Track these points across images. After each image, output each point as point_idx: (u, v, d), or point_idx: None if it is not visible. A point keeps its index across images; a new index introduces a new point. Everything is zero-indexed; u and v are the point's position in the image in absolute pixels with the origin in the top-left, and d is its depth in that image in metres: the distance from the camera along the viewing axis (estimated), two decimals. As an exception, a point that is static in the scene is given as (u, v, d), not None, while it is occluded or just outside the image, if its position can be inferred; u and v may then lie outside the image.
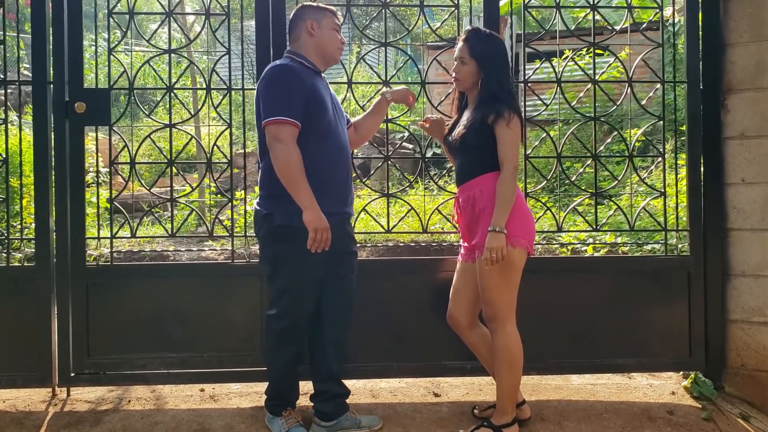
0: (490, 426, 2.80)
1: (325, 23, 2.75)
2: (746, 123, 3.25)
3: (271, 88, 2.59)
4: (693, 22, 3.36)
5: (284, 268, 2.69)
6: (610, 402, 3.23)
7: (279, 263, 2.69)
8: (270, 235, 2.67)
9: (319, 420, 2.84)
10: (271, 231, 2.66)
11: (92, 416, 3.03)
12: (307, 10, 2.76)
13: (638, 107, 3.75)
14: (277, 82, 2.59)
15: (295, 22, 2.77)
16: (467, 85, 2.84)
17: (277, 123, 2.53)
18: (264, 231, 2.70)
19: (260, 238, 2.75)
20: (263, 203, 2.70)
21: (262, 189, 2.72)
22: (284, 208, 2.60)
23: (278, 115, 2.53)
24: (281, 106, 2.54)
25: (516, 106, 2.75)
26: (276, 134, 2.53)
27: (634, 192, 4.34)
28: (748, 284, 3.25)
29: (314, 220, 2.53)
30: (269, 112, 2.55)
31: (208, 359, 3.22)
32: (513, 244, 2.67)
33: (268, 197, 2.68)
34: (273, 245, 2.68)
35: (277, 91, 2.57)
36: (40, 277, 3.15)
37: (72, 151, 3.17)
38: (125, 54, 5.15)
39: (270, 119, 2.54)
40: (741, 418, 3.05)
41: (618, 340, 3.33)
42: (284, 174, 2.53)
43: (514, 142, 2.71)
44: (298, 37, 2.76)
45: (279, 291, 2.72)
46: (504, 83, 2.76)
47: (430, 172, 3.81)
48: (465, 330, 2.93)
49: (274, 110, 2.54)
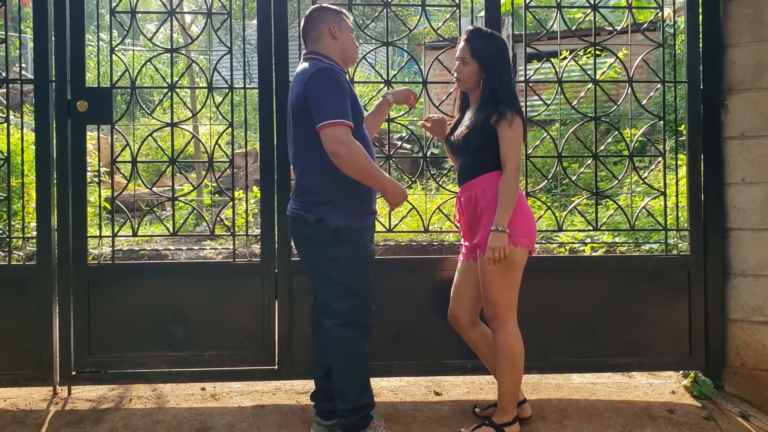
0: (491, 424, 2.80)
1: (344, 27, 2.73)
2: (746, 123, 3.26)
3: (324, 90, 2.52)
4: (693, 23, 3.37)
5: (347, 270, 2.62)
6: (610, 401, 3.24)
7: (340, 266, 2.62)
8: (328, 240, 2.59)
9: (321, 419, 2.84)
10: (328, 235, 2.58)
11: (94, 415, 3.03)
12: (327, 13, 2.72)
13: (637, 107, 3.77)
14: (330, 84, 2.54)
15: (314, 23, 2.72)
16: (469, 86, 2.85)
17: (336, 125, 2.46)
18: (318, 236, 2.61)
19: (308, 244, 2.67)
20: (311, 209, 2.61)
21: (308, 195, 2.64)
22: (341, 211, 2.58)
23: (337, 117, 2.47)
24: (338, 108, 2.49)
25: (518, 107, 2.76)
26: (338, 137, 2.46)
27: (633, 192, 4.35)
28: (748, 284, 3.27)
29: (399, 191, 2.62)
30: (327, 115, 2.48)
31: (209, 358, 3.22)
32: (514, 243, 2.67)
33: (317, 202, 2.60)
34: (333, 249, 2.60)
35: (331, 93, 2.52)
36: (42, 275, 3.15)
37: (74, 149, 3.17)
38: (123, 53, 5.13)
39: (329, 122, 2.47)
40: (741, 417, 3.07)
41: (618, 339, 3.34)
42: (358, 171, 2.51)
43: (517, 142, 2.72)
44: (319, 38, 2.70)
45: (339, 295, 2.62)
46: (506, 83, 2.77)
47: (430, 171, 3.81)
48: (466, 329, 2.94)
49: (332, 113, 2.48)
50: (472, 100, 2.89)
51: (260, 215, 3.26)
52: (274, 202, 3.22)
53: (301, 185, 2.68)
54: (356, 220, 2.62)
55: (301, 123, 2.60)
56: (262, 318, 3.21)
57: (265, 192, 3.24)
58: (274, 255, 3.23)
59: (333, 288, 2.63)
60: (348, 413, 2.66)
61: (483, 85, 2.79)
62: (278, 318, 3.23)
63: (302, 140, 2.63)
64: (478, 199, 2.77)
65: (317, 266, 2.67)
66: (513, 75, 2.88)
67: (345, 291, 2.62)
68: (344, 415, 2.67)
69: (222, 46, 3.36)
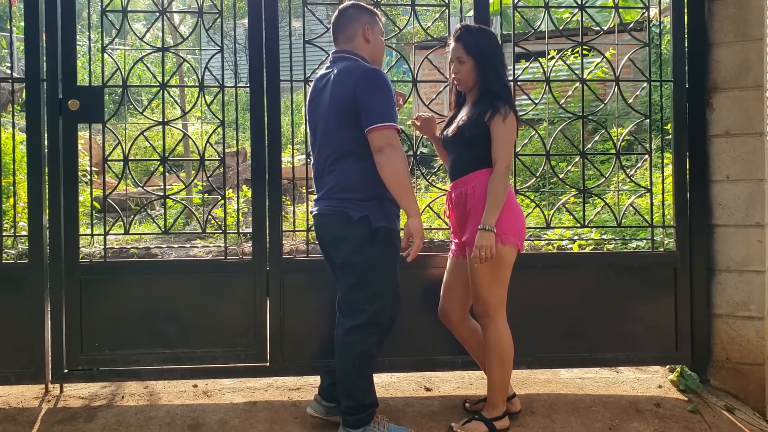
0: (481, 419, 2.84)
1: (377, 29, 2.73)
2: (731, 121, 3.32)
3: (377, 91, 2.53)
4: (679, 22, 3.42)
5: (380, 271, 2.62)
6: (598, 395, 3.29)
7: (375, 267, 2.61)
8: (368, 238, 2.58)
9: (322, 398, 2.87)
10: (368, 234, 2.58)
11: (86, 412, 3.04)
12: (362, 13, 2.72)
13: (624, 106, 3.82)
14: (382, 86, 2.55)
15: (348, 22, 2.71)
16: (470, 84, 2.83)
17: (389, 128, 2.49)
18: (358, 234, 2.59)
19: (347, 242, 2.62)
20: (357, 206, 2.59)
21: (353, 192, 2.61)
22: (382, 211, 2.59)
23: (389, 120, 2.49)
24: (389, 110, 2.51)
25: (513, 103, 2.78)
26: (390, 140, 2.49)
27: (620, 190, 4.41)
28: (732, 279, 3.32)
29: (420, 228, 2.54)
30: (379, 117, 2.49)
31: (201, 355, 3.24)
32: (503, 242, 2.69)
33: (362, 200, 2.59)
34: (369, 249, 2.59)
35: (384, 95, 2.53)
36: (33, 274, 3.16)
37: (65, 148, 3.18)
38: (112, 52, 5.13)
39: (382, 124, 2.48)
40: (726, 410, 3.12)
41: (606, 334, 3.38)
42: (397, 180, 2.50)
43: (509, 140, 2.73)
44: (352, 38, 2.70)
45: (369, 296, 2.61)
46: (501, 76, 2.78)
47: (421, 170, 3.84)
48: (456, 325, 2.97)
49: (385, 115, 2.50)
50: (469, 96, 2.89)
51: (252, 213, 3.28)
52: (266, 200, 3.24)
53: (341, 183, 2.63)
54: (393, 222, 2.64)
55: (347, 123, 2.58)
56: (254, 315, 3.23)
57: (256, 190, 3.25)
58: (265, 252, 3.24)
59: (362, 287, 2.62)
60: (354, 410, 2.67)
61: (479, 80, 2.79)
62: (269, 315, 3.25)
63: (347, 140, 2.61)
64: (468, 196, 2.79)
65: (354, 265, 2.63)
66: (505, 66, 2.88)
67: (375, 293, 2.61)
68: (349, 412, 2.68)
69: (211, 45, 3.37)
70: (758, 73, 3.26)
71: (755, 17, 3.25)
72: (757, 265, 3.27)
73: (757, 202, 3.26)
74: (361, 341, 2.63)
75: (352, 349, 2.64)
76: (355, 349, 2.63)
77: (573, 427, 2.95)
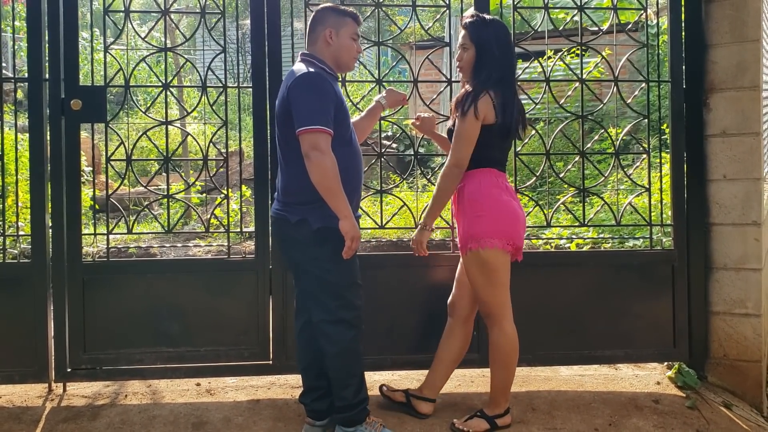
0: (483, 416, 2.87)
1: (344, 32, 2.70)
2: (727, 121, 3.35)
3: (306, 95, 2.54)
4: (676, 23, 3.46)
5: (335, 268, 2.63)
6: (598, 392, 3.32)
7: (328, 265, 2.63)
8: (311, 240, 2.61)
9: (313, 420, 2.85)
10: (310, 235, 2.61)
11: (90, 411, 3.06)
12: (328, 15, 2.72)
13: (621, 106, 3.85)
14: (312, 89, 2.55)
15: (314, 25, 2.72)
16: (470, 72, 2.80)
17: (315, 132, 2.48)
18: (300, 237, 2.63)
19: (291, 244, 2.69)
20: (293, 210, 2.64)
21: (290, 196, 2.66)
22: (321, 212, 2.57)
23: (316, 124, 2.48)
24: (318, 114, 2.50)
25: (479, 99, 2.68)
26: (315, 143, 2.48)
27: (618, 189, 4.45)
28: (730, 277, 3.36)
29: (351, 228, 2.53)
30: (306, 121, 2.50)
31: (204, 354, 3.25)
32: (481, 246, 2.70)
33: (299, 203, 2.62)
34: (316, 249, 2.62)
35: (313, 98, 2.53)
36: (36, 273, 3.17)
37: (68, 148, 3.19)
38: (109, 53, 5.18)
39: (307, 128, 2.49)
40: (723, 407, 3.16)
41: (605, 332, 3.41)
42: (323, 183, 2.50)
43: (465, 136, 2.69)
44: (316, 41, 2.71)
45: (335, 293, 2.65)
46: (500, 68, 2.73)
47: (421, 169, 3.87)
48: (458, 320, 2.96)
49: (311, 119, 2.49)
50: (468, 87, 2.85)
51: (255, 212, 3.30)
52: (269, 199, 3.26)
53: (283, 186, 2.70)
54: (334, 221, 2.58)
55: (284, 125, 2.62)
56: (257, 313, 3.25)
57: (259, 189, 3.27)
58: (268, 251, 3.26)
59: (318, 287, 2.65)
60: (344, 409, 2.70)
61: (474, 69, 2.77)
62: (272, 313, 3.27)
63: (285, 142, 2.65)
64: (458, 196, 2.83)
65: (301, 266, 2.69)
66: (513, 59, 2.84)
67: (330, 290, 2.64)
68: (341, 411, 2.71)
69: (213, 46, 3.39)
70: (755, 73, 3.29)
71: (752, 18, 3.29)
72: (753, 263, 3.30)
73: (754, 201, 3.30)
74: (336, 337, 2.65)
75: (330, 346, 2.65)
76: (333, 346, 2.65)
77: (573, 423, 2.99)
